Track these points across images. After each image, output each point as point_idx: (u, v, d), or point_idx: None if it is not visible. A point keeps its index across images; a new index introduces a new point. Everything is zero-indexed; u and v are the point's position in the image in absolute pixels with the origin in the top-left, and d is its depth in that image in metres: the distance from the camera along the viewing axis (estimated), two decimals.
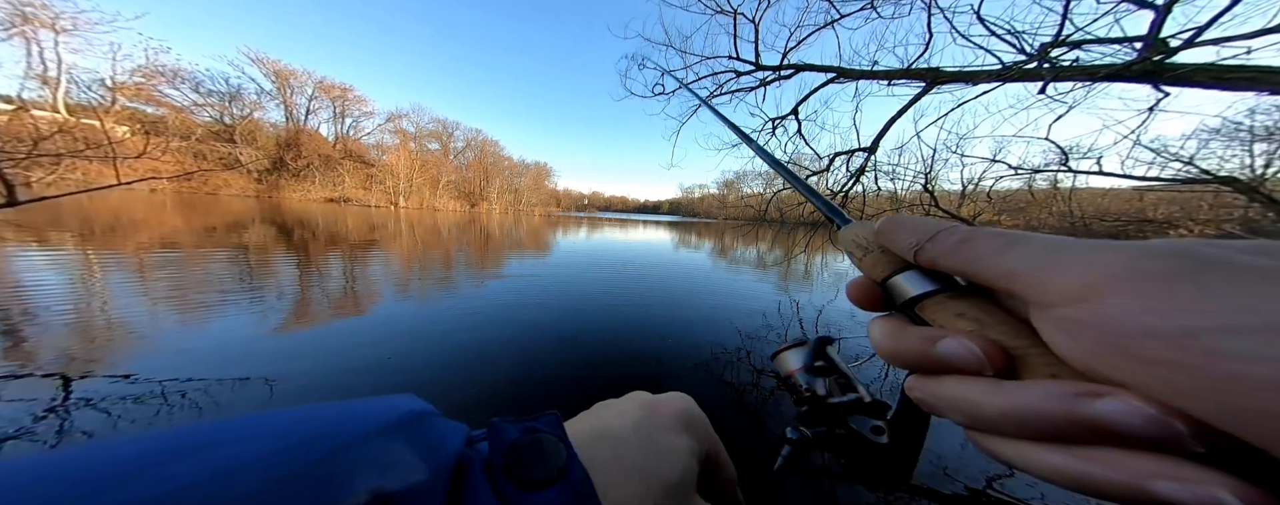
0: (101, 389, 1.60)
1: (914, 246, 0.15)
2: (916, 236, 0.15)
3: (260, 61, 38.59)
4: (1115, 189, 9.93)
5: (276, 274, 4.03)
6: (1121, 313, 0.09)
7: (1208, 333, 0.08)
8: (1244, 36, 1.66)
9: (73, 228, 6.33)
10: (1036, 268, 0.11)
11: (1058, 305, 0.10)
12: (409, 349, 2.18)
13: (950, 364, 0.12)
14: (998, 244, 0.12)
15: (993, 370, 0.12)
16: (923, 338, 0.13)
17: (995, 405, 0.11)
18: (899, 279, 0.16)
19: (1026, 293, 0.11)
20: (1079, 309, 0.10)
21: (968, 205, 7.37)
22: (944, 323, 0.14)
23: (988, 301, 0.14)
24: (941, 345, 0.13)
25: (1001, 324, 0.13)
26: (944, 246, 0.14)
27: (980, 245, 0.13)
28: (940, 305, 0.14)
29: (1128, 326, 0.09)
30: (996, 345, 0.12)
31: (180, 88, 34.60)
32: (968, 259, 0.13)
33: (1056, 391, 0.10)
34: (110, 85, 13.03)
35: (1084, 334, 0.10)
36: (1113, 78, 1.99)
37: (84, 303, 2.74)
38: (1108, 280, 0.10)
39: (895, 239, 0.16)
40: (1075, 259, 0.10)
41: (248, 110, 36.72)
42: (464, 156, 52.59)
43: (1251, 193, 2.73)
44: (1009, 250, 0.12)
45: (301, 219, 11.49)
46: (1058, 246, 0.11)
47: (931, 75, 3.03)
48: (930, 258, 0.14)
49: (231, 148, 33.00)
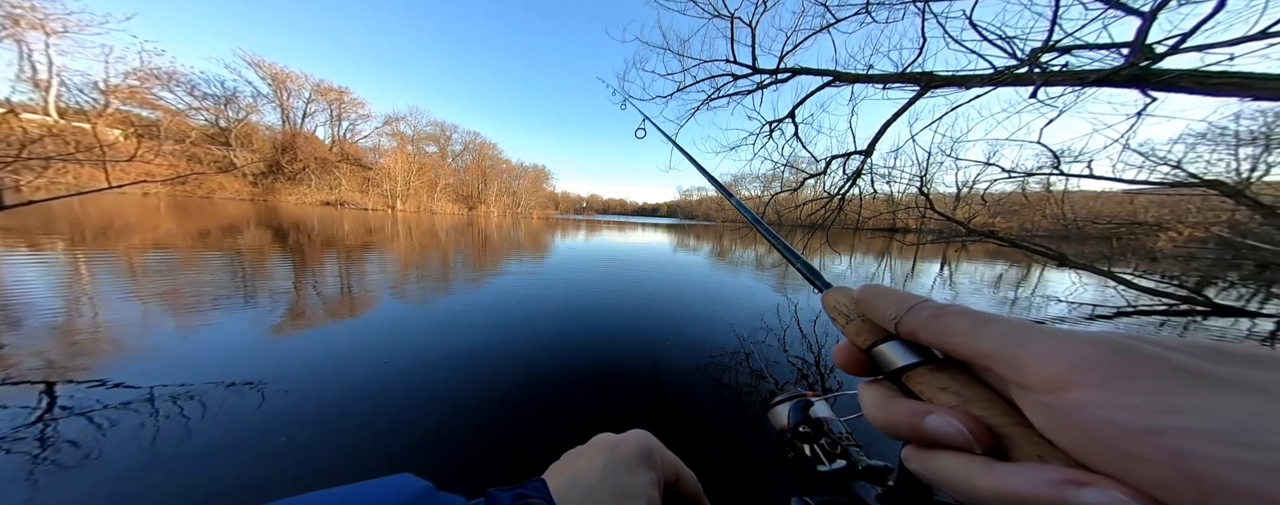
0: (89, 396, 1.57)
1: (894, 318, 0.16)
2: (895, 308, 0.16)
3: (257, 64, 38.54)
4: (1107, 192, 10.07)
5: (270, 278, 3.98)
6: (1093, 405, 0.10)
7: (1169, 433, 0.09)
8: (1227, 43, 1.70)
9: (63, 232, 6.23)
10: (1010, 351, 0.12)
11: (1036, 390, 0.12)
12: (406, 354, 2.16)
13: (938, 439, 0.13)
14: (969, 323, 0.14)
15: (980, 448, 0.13)
16: (911, 411, 0.14)
17: (989, 487, 0.12)
18: (884, 348, 0.16)
19: (1006, 375, 0.13)
20: (1056, 398, 0.11)
21: (962, 208, 7.46)
22: (929, 395, 0.15)
23: (968, 375, 0.15)
24: (929, 421, 0.14)
25: (984, 399, 0.14)
26: (918, 321, 0.15)
27: (951, 322, 0.14)
28: (924, 377, 0.15)
29: (1101, 419, 0.10)
30: (981, 423, 0.13)
31: (175, 91, 34.42)
32: (941, 335, 0.14)
33: (1045, 478, 0.11)
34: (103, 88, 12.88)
35: (1064, 422, 0.11)
36: (1101, 82, 2.03)
37: (72, 308, 2.69)
38: (1077, 373, 0.11)
39: (875, 309, 0.17)
40: (1045, 347, 0.12)
41: (244, 113, 36.56)
42: (462, 159, 52.58)
43: (1238, 195, 2.78)
44: (980, 331, 0.13)
45: (297, 222, 11.40)
46: (1026, 332, 0.12)
47: (925, 79, 3.08)
48: (909, 330, 0.15)
49: (227, 151, 32.79)
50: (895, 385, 0.16)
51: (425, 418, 1.53)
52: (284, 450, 1.29)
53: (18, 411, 1.44)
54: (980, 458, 0.12)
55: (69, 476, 1.16)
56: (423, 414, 1.55)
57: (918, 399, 0.15)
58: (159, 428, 1.37)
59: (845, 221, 4.54)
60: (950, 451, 0.13)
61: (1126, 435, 0.09)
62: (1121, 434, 0.09)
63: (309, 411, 1.53)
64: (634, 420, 1.59)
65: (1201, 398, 0.09)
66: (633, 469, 0.21)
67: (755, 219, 0.36)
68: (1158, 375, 0.10)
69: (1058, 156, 3.33)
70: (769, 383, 2.01)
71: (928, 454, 0.14)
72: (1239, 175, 5.41)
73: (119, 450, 1.26)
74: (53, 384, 1.65)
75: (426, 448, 1.35)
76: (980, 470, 0.12)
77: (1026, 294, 5.39)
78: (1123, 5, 1.98)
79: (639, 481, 0.20)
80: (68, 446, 1.27)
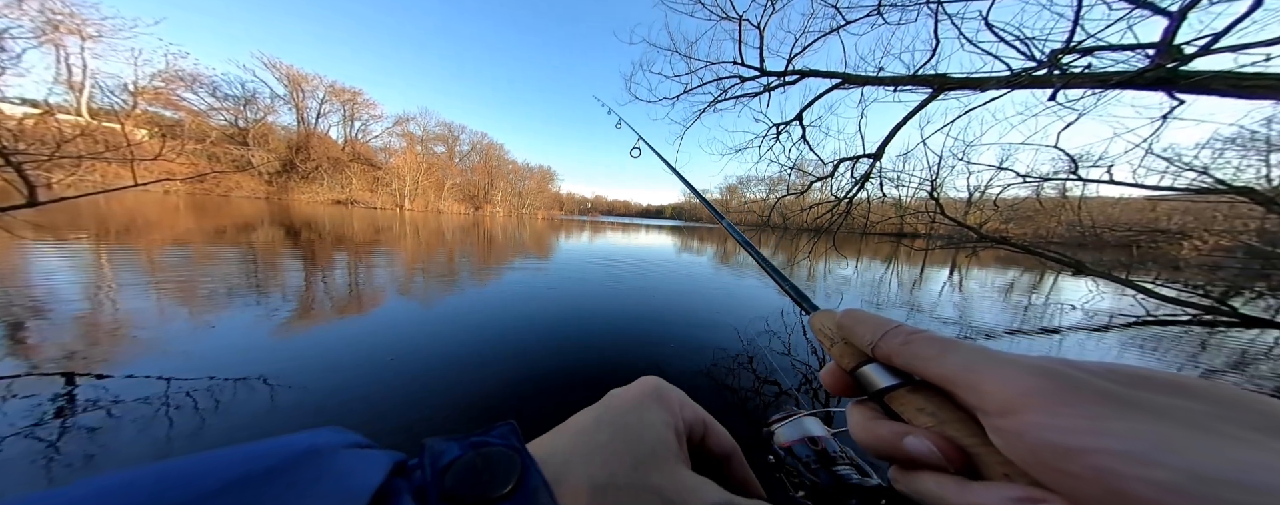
0: (107, 388, 1.61)
1: (871, 344, 0.17)
2: (871, 333, 0.17)
3: (274, 66, 39.64)
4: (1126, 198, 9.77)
5: (283, 275, 4.07)
6: (1037, 428, 0.11)
7: (1096, 453, 0.10)
8: (1263, 43, 1.63)
9: (90, 228, 6.47)
10: (970, 377, 0.13)
11: (993, 414, 0.13)
12: (411, 351, 2.18)
13: (916, 460, 0.14)
14: (934, 349, 0.15)
15: (954, 468, 0.13)
16: (892, 432, 0.15)
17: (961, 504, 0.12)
18: (866, 370, 0.17)
19: (966, 399, 0.14)
20: (1008, 421, 0.12)
21: (974, 213, 7.29)
22: (909, 417, 0.15)
23: (942, 397, 0.15)
24: (908, 442, 0.14)
25: (956, 421, 0.14)
26: (892, 346, 0.16)
27: (919, 348, 0.15)
28: (904, 399, 0.16)
29: (1044, 441, 0.11)
30: (953, 444, 0.14)
31: (198, 92, 35.59)
32: (910, 360, 0.15)
33: (1007, 496, 0.12)
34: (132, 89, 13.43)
35: (1016, 443, 0.12)
36: (1125, 85, 1.96)
37: (95, 300, 2.78)
38: (1024, 398, 0.12)
39: (854, 333, 0.18)
40: (996, 372, 0.13)
41: (262, 114, 37.61)
42: (469, 160, 53.28)
43: (1269, 204, 2.66)
44: (944, 357, 0.14)
45: (309, 221, 11.66)
46: (981, 359, 0.13)
47: (938, 81, 3.02)
48: (885, 354, 0.16)
49: (244, 150, 33.75)
50: (879, 406, 0.17)
51: (428, 416, 1.54)
52: None
53: (42, 402, 1.49)
54: (955, 477, 0.13)
55: (89, 466, 1.19)
56: (426, 412, 1.56)
57: (900, 420, 0.16)
58: (172, 420, 1.40)
59: (852, 225, 4.47)
60: (930, 471, 0.14)
61: (1063, 454, 0.10)
62: (1059, 454, 0.11)
63: (312, 407, 1.55)
64: None
65: (1122, 421, 0.10)
66: (639, 407, 0.18)
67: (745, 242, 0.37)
68: (1088, 401, 0.11)
69: (1075, 161, 3.23)
70: (773, 387, 1.98)
71: (911, 474, 0.15)
72: (1270, 182, 5.19)
73: (134, 441, 1.29)
74: (73, 375, 1.70)
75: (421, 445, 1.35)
76: (955, 489, 0.13)
77: (1040, 301, 5.23)
78: (1150, 5, 1.92)
79: (648, 419, 0.18)
80: (86, 436, 1.31)
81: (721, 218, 0.46)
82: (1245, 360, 2.98)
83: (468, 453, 0.14)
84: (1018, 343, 3.15)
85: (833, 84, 3.76)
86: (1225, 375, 2.55)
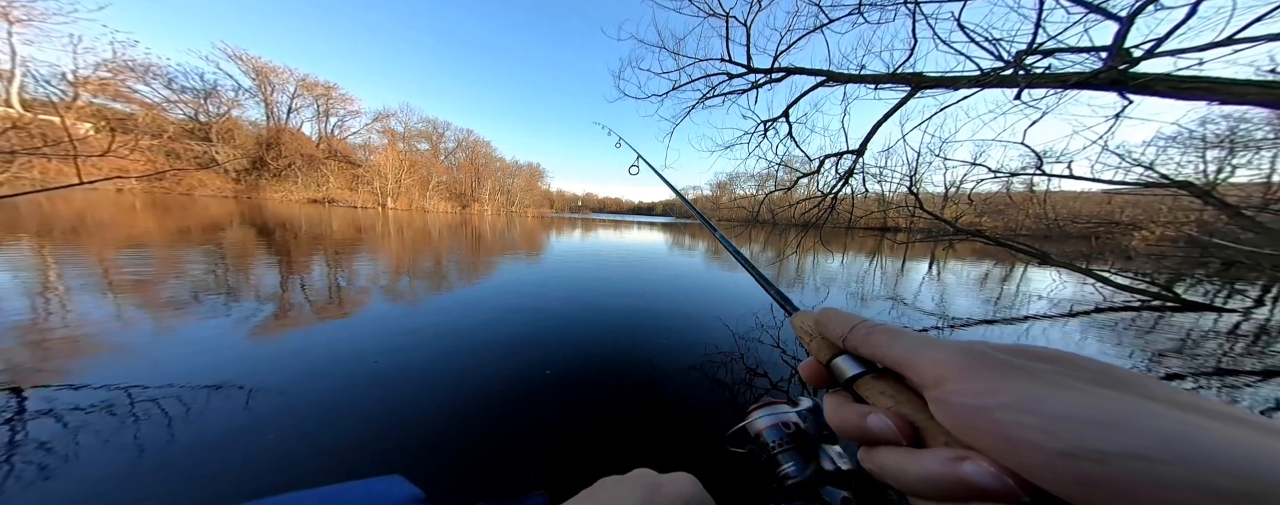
0: (62, 398, 1.50)
1: (842, 337, 0.19)
2: (842, 328, 0.19)
3: (238, 58, 37.15)
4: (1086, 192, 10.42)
5: (253, 277, 3.87)
6: (956, 395, 0.14)
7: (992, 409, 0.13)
8: (1198, 48, 1.78)
9: (30, 229, 5.94)
10: (911, 358, 0.16)
11: (928, 388, 0.15)
12: (396, 354, 2.12)
13: (877, 436, 0.16)
14: (887, 339, 0.17)
15: (906, 441, 0.15)
16: (857, 413, 0.17)
17: (913, 471, 0.14)
18: (838, 362, 0.19)
19: (911, 377, 0.16)
20: (939, 392, 0.14)
21: (950, 207, 7.65)
22: (873, 400, 0.18)
23: (898, 381, 0.17)
24: (869, 420, 0.16)
25: (909, 401, 0.16)
26: (858, 338, 0.18)
27: (876, 338, 0.18)
28: (869, 385, 0.18)
29: (961, 405, 0.13)
30: (906, 420, 0.16)
31: (151, 83, 33.01)
32: (872, 348, 0.18)
33: (943, 457, 0.14)
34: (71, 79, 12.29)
35: (945, 410, 0.14)
36: (1082, 85, 2.10)
37: (39, 307, 2.57)
38: (948, 371, 0.14)
39: (829, 329, 0.20)
40: (931, 353, 0.15)
41: (225, 108, 35.29)
42: (455, 157, 51.69)
43: (1206, 196, 2.91)
44: (894, 343, 0.17)
45: (283, 221, 11.08)
46: (920, 343, 0.16)
47: (916, 80, 3.14)
48: (853, 346, 0.19)
49: (207, 146, 31.63)
50: (849, 393, 0.19)
51: (416, 419, 1.51)
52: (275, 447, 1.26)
53: None
54: (907, 448, 0.15)
55: (44, 482, 1.12)
56: (413, 414, 1.53)
57: (866, 404, 0.18)
58: (139, 431, 1.33)
59: (838, 220, 4.61)
60: (888, 446, 0.16)
61: (973, 412, 0.13)
62: (970, 412, 0.13)
63: (295, 413, 1.50)
64: (635, 423, 1.59)
65: (1005, 383, 0.13)
66: None
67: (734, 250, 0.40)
68: (985, 369, 0.14)
69: (1041, 157, 3.44)
70: (764, 380, 2.04)
71: (873, 451, 0.17)
72: (1207, 176, 5.66)
73: (101, 453, 1.22)
74: (20, 389, 1.58)
75: (417, 449, 1.32)
76: (907, 459, 0.15)
77: (1011, 290, 5.56)
78: (1102, 10, 2.05)
79: None
80: (41, 452, 1.22)
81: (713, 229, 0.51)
82: (1187, 342, 3.24)
83: None
84: (990, 332, 3.25)
85: (817, 81, 3.85)
86: (1170, 358, 2.78)
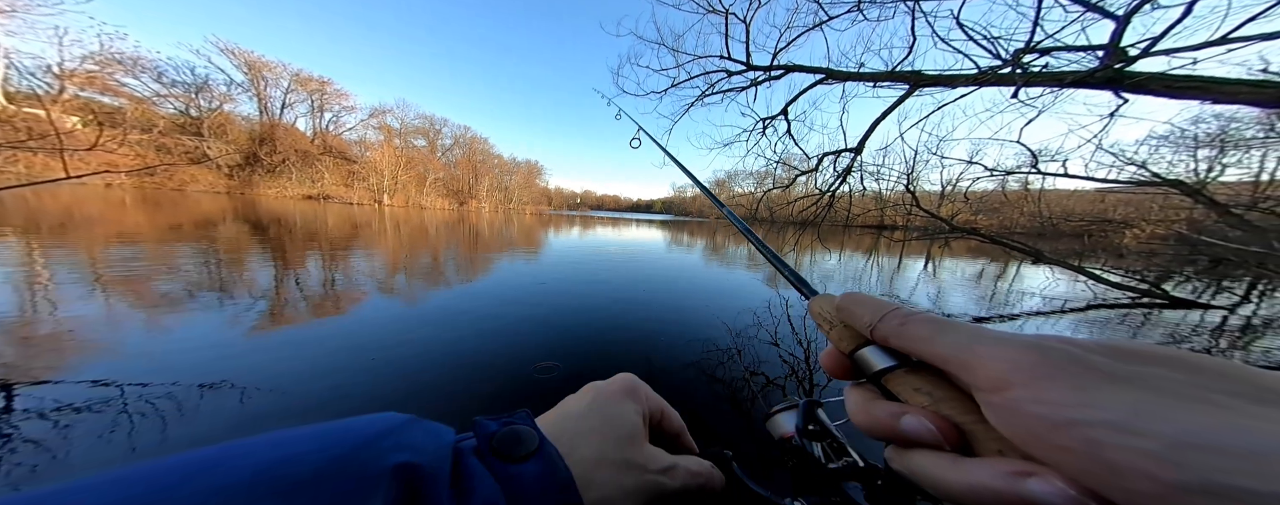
0: (51, 395, 1.49)
1: (869, 325, 0.17)
2: (870, 315, 0.17)
3: (231, 52, 36.49)
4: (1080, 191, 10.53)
5: (248, 274, 3.83)
6: (1026, 402, 0.11)
7: (1082, 425, 0.10)
8: (1191, 48, 1.80)
9: (16, 224, 5.83)
10: (963, 356, 0.14)
11: (986, 391, 0.13)
12: (394, 350, 2.12)
13: (913, 439, 0.14)
14: (930, 330, 0.15)
15: (949, 446, 0.14)
16: (889, 412, 0.15)
17: (959, 481, 0.13)
18: (864, 353, 0.18)
19: (960, 377, 0.14)
20: (1000, 397, 0.12)
21: (946, 205, 7.70)
22: (906, 397, 0.16)
23: (938, 377, 0.15)
24: (904, 422, 0.15)
25: (952, 399, 0.15)
26: (889, 327, 0.16)
27: (915, 329, 0.15)
28: (901, 379, 0.16)
29: (1034, 414, 0.11)
30: (949, 422, 0.14)
31: (141, 77, 32.37)
32: (909, 340, 0.16)
33: (1000, 470, 0.12)
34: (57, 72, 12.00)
35: (1008, 419, 0.12)
36: (1078, 84, 2.12)
37: (24, 303, 2.54)
38: (1013, 373, 0.12)
39: (853, 316, 0.18)
40: (989, 350, 0.13)
41: (217, 102, 34.70)
42: (452, 154, 51.28)
43: (1196, 195, 2.96)
44: (939, 337, 0.15)
45: (277, 217, 10.95)
46: (976, 337, 0.14)
47: (914, 78, 3.15)
48: (883, 336, 0.17)
49: (199, 141, 31.13)
50: (876, 388, 0.17)
51: (416, 413, 1.51)
52: None
53: None
54: (950, 454, 0.14)
55: (34, 479, 1.11)
56: (413, 413, 1.53)
57: (897, 400, 0.16)
58: (133, 429, 1.32)
59: (835, 218, 4.63)
60: (925, 449, 0.14)
61: (1052, 428, 0.11)
62: (1048, 427, 0.11)
63: (294, 413, 1.50)
64: None
65: (1105, 392, 0.11)
66: (619, 401, 0.22)
67: (747, 229, 0.38)
68: (1073, 374, 0.11)
69: (1036, 156, 3.46)
70: (761, 378, 2.05)
71: (906, 453, 0.15)
72: (1197, 175, 5.74)
73: (91, 451, 1.21)
74: (9, 385, 1.56)
75: None
76: (950, 466, 0.13)
77: (1005, 287, 5.62)
78: (1099, 8, 2.06)
79: (625, 410, 0.22)
80: (31, 449, 1.21)
81: (722, 206, 0.46)
82: (1174, 339, 3.29)
83: (502, 427, 0.19)
84: None
85: (816, 79, 3.85)
86: None
